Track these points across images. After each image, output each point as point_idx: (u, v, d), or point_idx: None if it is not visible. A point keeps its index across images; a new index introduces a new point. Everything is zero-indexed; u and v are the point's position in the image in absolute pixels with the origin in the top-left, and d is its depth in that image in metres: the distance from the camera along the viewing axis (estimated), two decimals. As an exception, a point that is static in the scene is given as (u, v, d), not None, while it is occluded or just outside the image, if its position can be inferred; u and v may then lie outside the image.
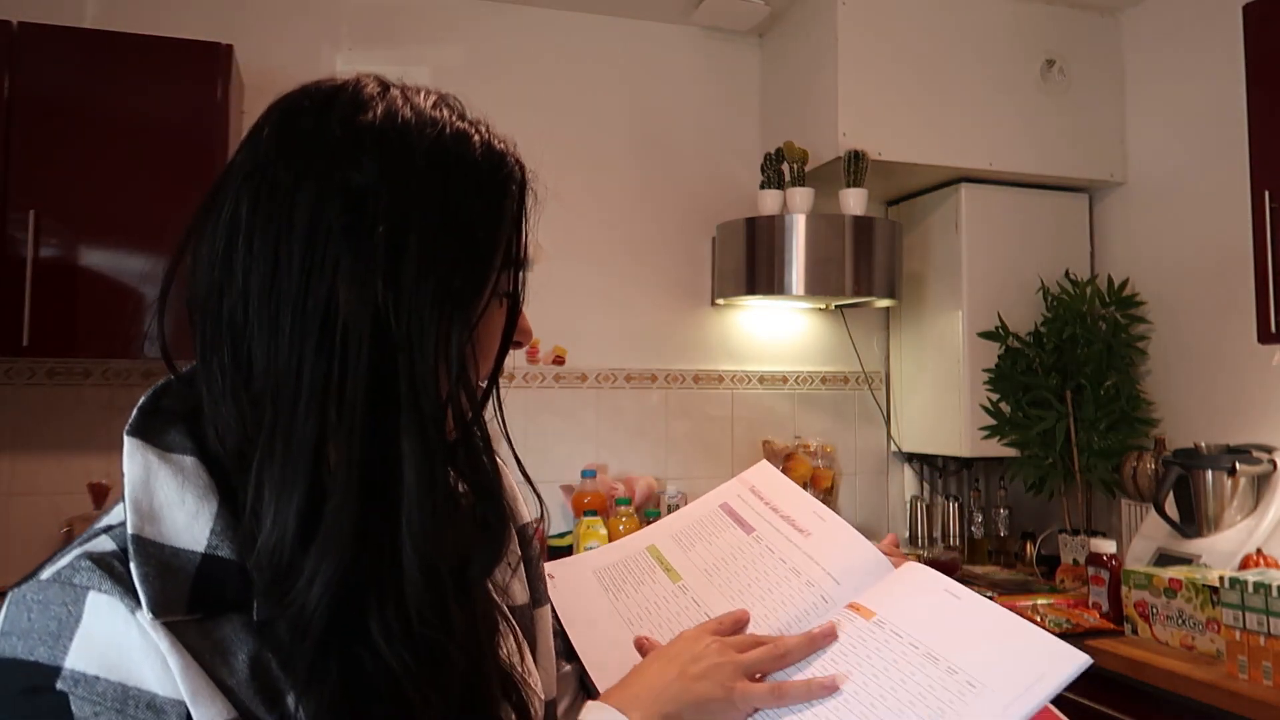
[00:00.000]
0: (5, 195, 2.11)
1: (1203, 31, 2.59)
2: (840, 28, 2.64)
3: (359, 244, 0.54)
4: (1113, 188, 2.88)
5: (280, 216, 0.54)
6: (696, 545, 0.85)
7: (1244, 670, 1.70)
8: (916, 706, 0.66)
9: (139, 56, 2.22)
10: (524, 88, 2.86)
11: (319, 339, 0.53)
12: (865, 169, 2.61)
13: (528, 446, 2.79)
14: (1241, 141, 2.14)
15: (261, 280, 0.53)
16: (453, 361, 0.56)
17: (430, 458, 0.55)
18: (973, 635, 0.70)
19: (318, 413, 0.52)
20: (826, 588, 0.80)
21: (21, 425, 2.38)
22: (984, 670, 0.67)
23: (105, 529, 0.54)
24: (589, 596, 0.82)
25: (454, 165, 0.58)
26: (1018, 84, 2.78)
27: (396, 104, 0.58)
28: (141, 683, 0.49)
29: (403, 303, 0.54)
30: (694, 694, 0.69)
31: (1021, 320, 2.76)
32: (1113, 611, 2.07)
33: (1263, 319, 2.03)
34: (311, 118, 0.57)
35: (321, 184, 0.54)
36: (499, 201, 0.61)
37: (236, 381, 0.54)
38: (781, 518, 0.86)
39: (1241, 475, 2.23)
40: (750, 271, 2.68)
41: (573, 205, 2.88)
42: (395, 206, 0.54)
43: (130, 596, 0.50)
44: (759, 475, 0.89)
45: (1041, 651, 0.68)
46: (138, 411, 0.56)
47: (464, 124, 0.61)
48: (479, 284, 0.59)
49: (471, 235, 0.58)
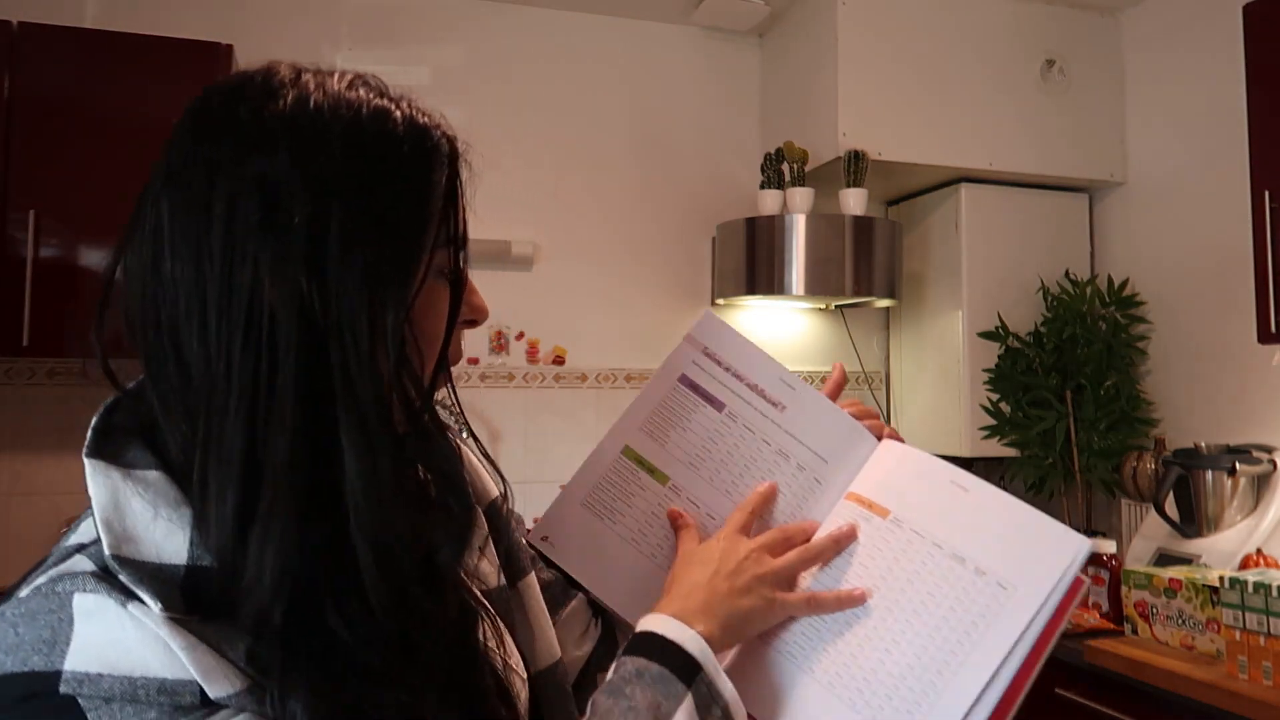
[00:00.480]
0: (5, 195, 2.11)
1: (1203, 31, 2.59)
2: (840, 28, 2.64)
3: (277, 236, 0.52)
4: (1113, 188, 2.88)
5: (199, 217, 0.53)
6: (670, 434, 0.80)
7: (1244, 670, 1.70)
8: (956, 613, 0.67)
9: (139, 56, 2.22)
10: (524, 88, 2.86)
11: (245, 337, 0.52)
12: (865, 169, 2.61)
13: (528, 446, 2.79)
14: (1241, 141, 2.14)
15: (187, 284, 0.53)
16: (390, 347, 0.55)
17: (372, 449, 0.54)
18: (991, 530, 0.70)
19: (247, 411, 0.51)
20: (817, 469, 0.79)
21: (21, 425, 2.38)
22: (1010, 569, 0.68)
23: (77, 548, 0.53)
24: (587, 533, 0.78)
25: (372, 144, 0.56)
26: (1018, 84, 2.78)
27: (308, 89, 0.56)
28: (147, 671, 0.48)
29: (329, 291, 0.53)
30: (743, 608, 0.70)
31: (1021, 320, 2.76)
32: (1113, 611, 2.07)
33: (1263, 319, 2.03)
34: (221, 113, 0.56)
35: (235, 179, 0.53)
36: (425, 176, 0.58)
37: (179, 390, 0.53)
38: (748, 387, 0.81)
39: (1241, 475, 2.23)
40: (750, 271, 2.68)
41: (573, 205, 2.89)
42: (311, 193, 0.53)
43: (118, 592, 0.49)
44: (708, 333, 0.83)
45: (1056, 542, 0.68)
46: (92, 432, 0.55)
47: (383, 101, 0.59)
48: (410, 263, 0.57)
49: (396, 214, 0.56)
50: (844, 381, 0.88)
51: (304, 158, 0.54)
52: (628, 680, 0.64)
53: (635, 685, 0.63)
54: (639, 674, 0.64)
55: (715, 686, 0.65)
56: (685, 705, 0.63)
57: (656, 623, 0.67)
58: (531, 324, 2.83)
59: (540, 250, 2.85)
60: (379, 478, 0.54)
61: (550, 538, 0.79)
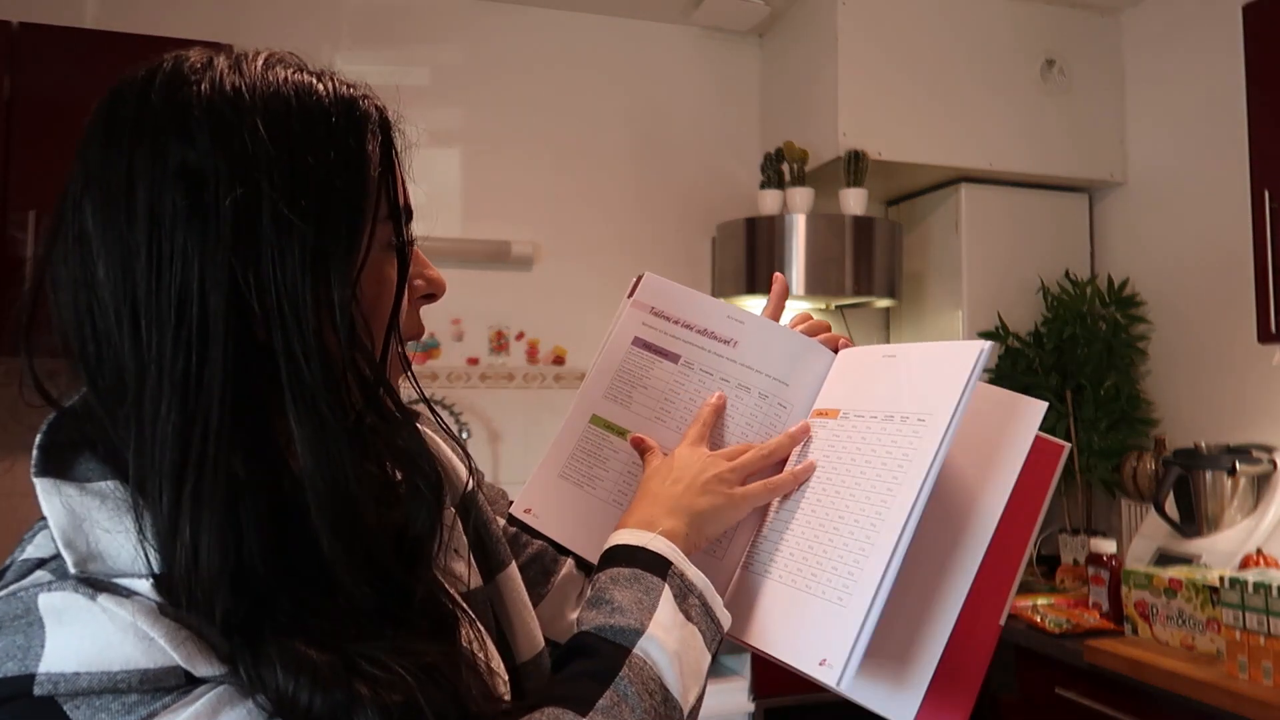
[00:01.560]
0: (5, 195, 2.11)
1: (1203, 31, 2.59)
2: (840, 28, 2.64)
3: (204, 224, 0.50)
4: (1113, 188, 2.88)
5: (121, 216, 0.51)
6: (634, 395, 0.82)
7: (1244, 670, 1.70)
8: (888, 465, 0.69)
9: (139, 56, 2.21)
10: (524, 88, 2.86)
11: (175, 334, 0.50)
12: (865, 169, 2.61)
13: (528, 446, 2.79)
14: (1241, 141, 2.14)
15: (116, 288, 0.51)
16: (340, 325, 0.53)
17: (326, 431, 0.52)
18: (912, 381, 0.73)
19: (179, 410, 0.50)
20: (779, 393, 0.81)
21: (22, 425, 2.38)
22: (924, 402, 0.70)
23: (37, 563, 0.51)
24: (569, 502, 0.80)
25: (295, 119, 0.54)
26: (1018, 84, 2.78)
27: (222, 71, 0.54)
28: (127, 663, 0.46)
29: (265, 274, 0.51)
30: (701, 505, 0.71)
31: (1021, 320, 2.76)
32: (1113, 611, 2.07)
33: (1263, 319, 2.03)
34: (132, 105, 0.54)
35: (154, 172, 0.51)
36: (357, 147, 0.56)
37: (119, 399, 0.52)
38: (698, 333, 0.83)
39: (1241, 475, 2.23)
40: (750, 271, 2.68)
41: (573, 205, 2.89)
42: (237, 176, 0.51)
43: (86, 586, 0.48)
44: (651, 293, 0.84)
45: (956, 357, 0.71)
46: (37, 450, 0.53)
47: (304, 76, 0.56)
48: (352, 237, 0.55)
49: (331, 189, 0.54)
50: (785, 293, 0.89)
51: (225, 140, 0.52)
52: (604, 588, 0.65)
53: (613, 589, 0.64)
54: (613, 580, 0.65)
55: (687, 577, 0.66)
56: (665, 596, 0.64)
57: (620, 536, 0.69)
58: (531, 324, 2.83)
59: (540, 250, 2.85)
60: (335, 460, 0.53)
61: (533, 509, 0.80)
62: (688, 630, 0.64)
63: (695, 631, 0.65)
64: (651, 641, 0.61)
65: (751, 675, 2.30)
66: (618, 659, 0.60)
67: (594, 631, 0.62)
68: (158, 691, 0.47)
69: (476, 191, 2.81)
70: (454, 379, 2.75)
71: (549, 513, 0.80)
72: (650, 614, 0.63)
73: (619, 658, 0.60)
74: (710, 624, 0.67)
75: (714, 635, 0.67)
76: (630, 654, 0.60)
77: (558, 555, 0.85)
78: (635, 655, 0.60)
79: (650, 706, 0.58)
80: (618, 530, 0.70)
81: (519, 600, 0.76)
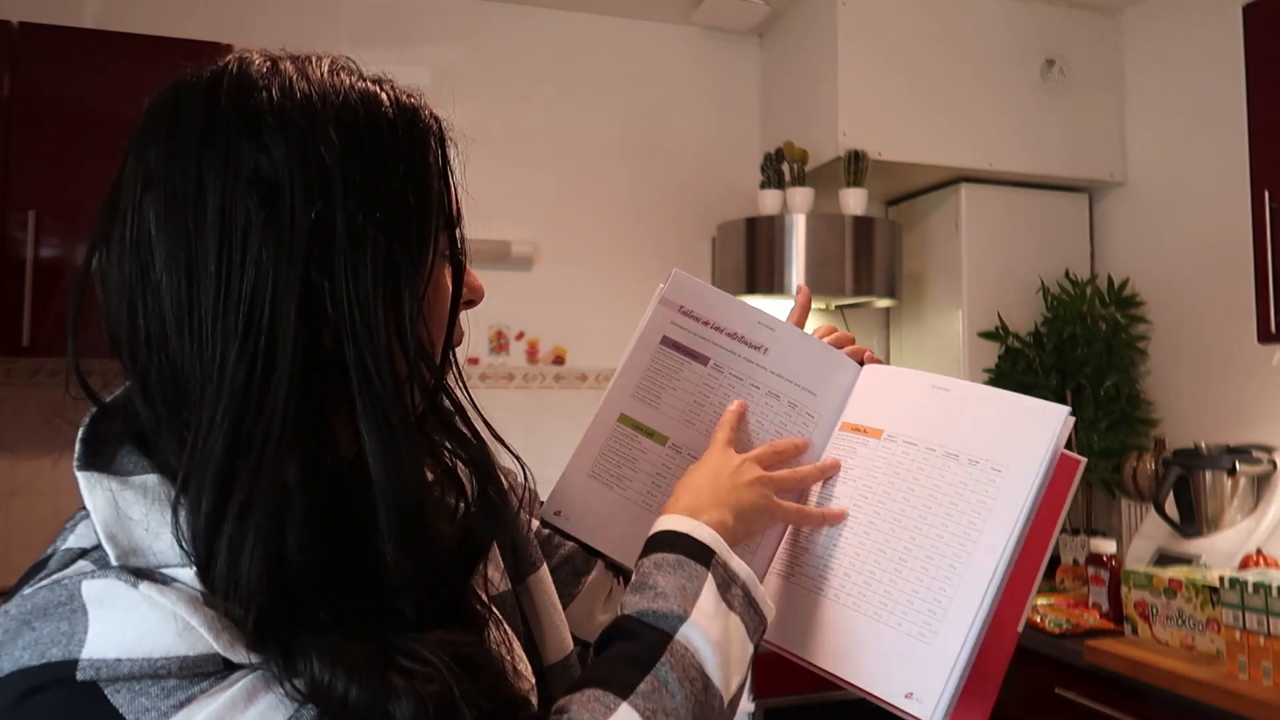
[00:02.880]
0: (5, 195, 2.11)
1: (1203, 31, 2.59)
2: (840, 28, 2.64)
3: (279, 235, 0.50)
4: (1113, 188, 2.88)
5: (188, 223, 0.50)
6: (662, 395, 0.82)
7: (1244, 670, 1.70)
8: (959, 507, 0.71)
9: (139, 56, 2.22)
10: (524, 88, 2.86)
11: (242, 342, 0.50)
12: (865, 169, 2.61)
13: (528, 447, 2.77)
14: (1241, 141, 2.14)
15: (178, 293, 0.50)
16: (409, 338, 0.54)
17: (396, 442, 0.53)
18: (977, 422, 0.74)
19: (234, 416, 0.49)
20: (807, 403, 0.82)
21: (22, 425, 2.38)
22: (1000, 452, 0.71)
23: (80, 552, 0.51)
24: (598, 503, 0.80)
25: (367, 130, 0.54)
26: (1017, 84, 2.78)
27: (291, 77, 0.54)
28: (167, 651, 0.47)
29: (339, 288, 0.51)
30: (745, 500, 0.72)
31: (1021, 320, 2.76)
32: (1113, 611, 2.07)
33: (1263, 319, 2.03)
34: (200, 107, 0.53)
35: (226, 179, 0.50)
36: (422, 159, 0.57)
37: (173, 403, 0.52)
38: (729, 336, 0.83)
39: (1241, 475, 2.23)
40: (750, 271, 2.68)
41: (573, 205, 2.89)
42: (313, 187, 0.51)
43: (128, 574, 0.48)
44: (681, 291, 0.83)
45: (1037, 416, 0.72)
46: (80, 444, 0.53)
47: (367, 84, 0.56)
48: (421, 251, 0.56)
49: (403, 201, 0.54)
50: (808, 305, 0.90)
51: (300, 150, 0.51)
52: (649, 573, 0.64)
53: (657, 574, 0.64)
54: (657, 565, 0.65)
55: (730, 567, 0.66)
56: (708, 585, 0.64)
57: (665, 522, 0.69)
58: (531, 324, 2.83)
59: (540, 250, 2.85)
60: (407, 470, 0.53)
61: (563, 511, 0.80)
62: (731, 620, 0.64)
63: (738, 622, 0.64)
64: (694, 628, 0.61)
65: (751, 675, 2.30)
66: (659, 644, 0.59)
67: (636, 616, 0.62)
68: (196, 677, 0.47)
69: (476, 191, 2.78)
70: (454, 379, 2.75)
71: (577, 514, 0.80)
72: (693, 601, 0.62)
73: (661, 643, 0.60)
74: (754, 615, 0.66)
75: (757, 627, 0.66)
76: (672, 640, 0.60)
77: (589, 557, 0.85)
78: (677, 641, 0.60)
79: (691, 694, 0.58)
80: (663, 516, 0.70)
81: (549, 603, 0.76)
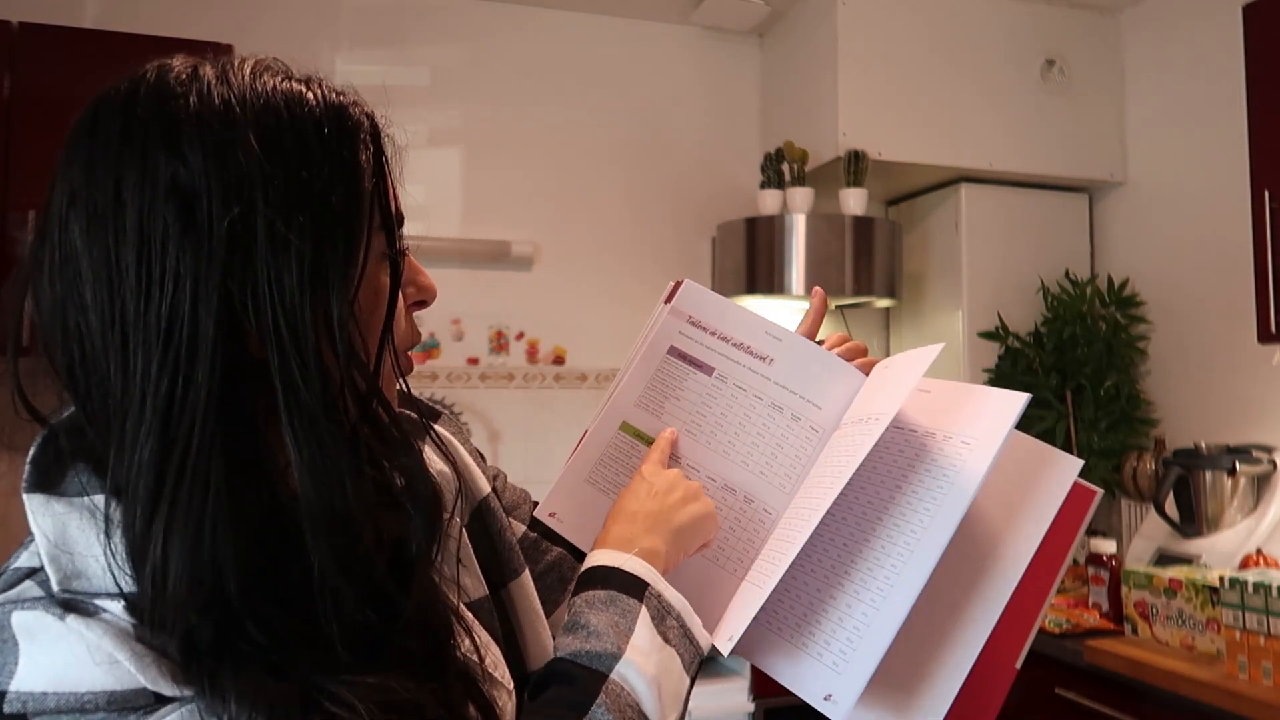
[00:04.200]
0: (5, 195, 2.12)
1: (1202, 31, 2.59)
2: (840, 28, 2.64)
3: (197, 244, 0.49)
4: (1113, 188, 2.88)
5: (109, 235, 0.50)
6: (665, 405, 0.81)
7: (1244, 670, 1.70)
8: (929, 469, 0.71)
9: (139, 56, 2.21)
10: (524, 88, 2.86)
11: (161, 355, 0.49)
12: (865, 169, 2.61)
13: (528, 447, 2.79)
14: (1241, 141, 2.14)
15: (102, 309, 0.50)
16: (339, 343, 0.52)
17: (322, 452, 0.51)
18: (952, 411, 0.75)
19: (159, 431, 0.49)
20: (811, 416, 0.81)
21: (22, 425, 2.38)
22: (971, 430, 0.72)
23: (28, 571, 0.51)
24: (593, 508, 0.79)
25: (289, 132, 0.52)
26: (1018, 84, 2.78)
27: (209, 82, 0.52)
28: (94, 685, 0.46)
29: (261, 294, 0.50)
30: (681, 520, 0.71)
31: (1021, 320, 2.76)
32: (1113, 611, 2.07)
33: (1263, 319, 2.03)
34: (118, 118, 0.52)
35: (143, 189, 0.49)
36: (350, 159, 0.55)
37: (103, 417, 0.51)
38: (735, 347, 0.82)
39: (1241, 475, 2.23)
40: (750, 271, 2.68)
41: (573, 205, 2.89)
42: (230, 195, 0.50)
43: (56, 606, 0.48)
44: (690, 301, 0.83)
45: (1002, 402, 0.72)
46: (30, 466, 0.53)
47: (292, 84, 0.55)
48: (350, 252, 0.54)
49: (327, 203, 0.53)
50: (824, 310, 0.89)
51: (218, 156, 0.50)
52: (581, 612, 0.63)
53: (589, 613, 0.63)
54: (589, 604, 0.64)
55: (665, 598, 0.65)
56: (643, 618, 0.63)
57: (596, 557, 0.68)
58: (531, 324, 2.83)
59: (540, 250, 2.85)
60: (335, 483, 0.52)
61: (558, 514, 0.80)
62: (666, 653, 0.63)
63: (674, 655, 0.63)
64: (629, 666, 0.60)
65: (751, 675, 2.30)
66: (594, 686, 0.59)
67: (570, 658, 0.61)
68: (124, 711, 0.47)
69: (476, 191, 2.81)
70: (454, 379, 2.75)
71: (573, 518, 0.79)
72: (627, 638, 0.61)
73: (596, 684, 0.59)
74: (689, 646, 0.65)
75: (693, 658, 0.65)
76: (607, 680, 0.59)
77: (575, 563, 0.84)
78: (612, 681, 0.59)
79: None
80: (594, 551, 0.69)
81: (530, 609, 0.75)
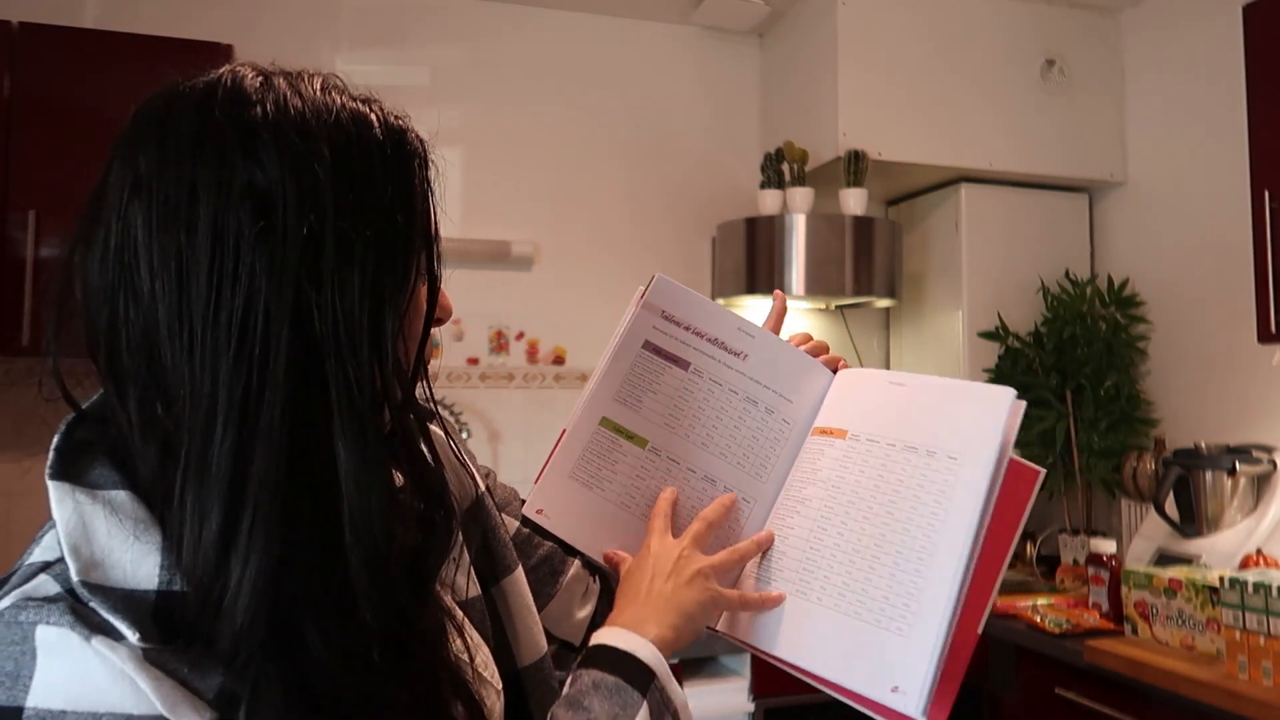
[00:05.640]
0: (5, 195, 2.11)
1: (1203, 31, 2.59)
2: (840, 28, 2.64)
3: (272, 248, 0.51)
4: (1113, 188, 2.88)
5: (179, 232, 0.51)
6: (643, 399, 0.83)
7: (1244, 670, 1.70)
8: (921, 498, 0.73)
9: (139, 56, 2.22)
10: (524, 88, 2.86)
11: (236, 353, 0.50)
12: (865, 169, 2.61)
13: (528, 447, 2.79)
14: (1241, 141, 2.14)
15: (169, 301, 0.51)
16: (386, 355, 0.55)
17: (369, 459, 0.53)
18: (931, 413, 0.77)
19: (236, 430, 0.50)
20: (784, 409, 0.85)
21: (22, 425, 2.38)
22: (954, 440, 0.74)
23: (42, 566, 0.51)
24: (578, 503, 0.81)
25: (357, 149, 0.55)
26: (1018, 84, 2.78)
27: (284, 93, 0.55)
28: (113, 707, 0.47)
29: (326, 303, 0.52)
30: (688, 600, 0.73)
31: (1021, 320, 2.76)
32: (1113, 611, 2.07)
33: (1263, 319, 2.02)
34: (192, 118, 0.53)
35: (220, 190, 0.51)
36: (409, 180, 0.58)
37: (153, 409, 0.52)
38: (709, 342, 0.85)
39: (1241, 475, 2.23)
40: (750, 271, 2.68)
41: (573, 205, 2.89)
42: (306, 203, 0.52)
43: (82, 625, 0.48)
44: (664, 296, 0.85)
45: (985, 401, 0.75)
46: (54, 453, 0.53)
47: (358, 104, 0.58)
48: (405, 269, 0.57)
49: (390, 220, 0.56)
50: (784, 310, 0.92)
51: (295, 166, 0.52)
52: (585, 693, 0.65)
53: (593, 697, 0.65)
54: (595, 686, 0.65)
55: (667, 693, 0.67)
56: (642, 714, 0.65)
57: (609, 635, 0.69)
58: (531, 324, 2.83)
59: (540, 250, 2.85)
60: (377, 487, 0.53)
61: (544, 510, 0.81)
62: None
63: None
64: None
65: (751, 675, 2.30)
66: None
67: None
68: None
69: (476, 191, 2.81)
70: (454, 379, 2.75)
71: (559, 513, 0.81)
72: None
73: None
74: None
75: None
76: None
77: (565, 555, 0.86)
78: None
79: None
80: (606, 627, 0.71)
81: (523, 605, 0.76)
